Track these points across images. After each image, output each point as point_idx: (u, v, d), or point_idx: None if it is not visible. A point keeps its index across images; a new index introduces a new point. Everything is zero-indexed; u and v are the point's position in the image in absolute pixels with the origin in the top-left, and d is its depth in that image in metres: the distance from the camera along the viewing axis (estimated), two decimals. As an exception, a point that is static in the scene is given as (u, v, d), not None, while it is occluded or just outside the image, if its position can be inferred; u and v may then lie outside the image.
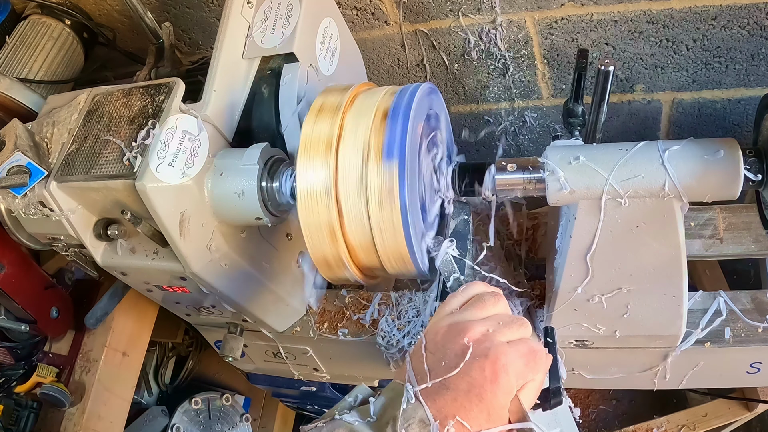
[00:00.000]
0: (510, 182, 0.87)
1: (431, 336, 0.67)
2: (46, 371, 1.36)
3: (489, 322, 0.67)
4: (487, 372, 0.62)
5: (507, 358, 0.63)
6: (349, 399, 0.69)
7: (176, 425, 1.71)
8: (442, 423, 0.60)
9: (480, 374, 0.62)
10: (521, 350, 0.65)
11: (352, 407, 0.68)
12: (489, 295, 0.72)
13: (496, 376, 0.62)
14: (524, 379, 0.64)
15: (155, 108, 0.92)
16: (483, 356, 0.63)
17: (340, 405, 0.69)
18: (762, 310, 1.04)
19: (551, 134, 1.27)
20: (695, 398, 1.65)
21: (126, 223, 0.96)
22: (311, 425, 0.66)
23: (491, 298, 0.71)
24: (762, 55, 1.23)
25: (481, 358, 0.63)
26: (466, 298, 0.73)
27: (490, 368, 0.62)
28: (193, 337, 1.91)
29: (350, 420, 0.64)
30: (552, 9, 1.26)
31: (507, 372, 0.62)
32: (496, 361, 0.62)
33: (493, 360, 0.62)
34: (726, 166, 0.79)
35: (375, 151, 0.76)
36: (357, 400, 0.69)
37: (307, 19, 1.06)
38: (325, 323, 1.24)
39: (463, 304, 0.72)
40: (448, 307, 0.72)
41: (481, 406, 0.61)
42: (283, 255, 1.14)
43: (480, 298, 0.71)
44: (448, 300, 0.73)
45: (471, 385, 0.62)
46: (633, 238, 0.87)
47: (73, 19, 1.42)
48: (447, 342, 0.65)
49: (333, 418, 0.66)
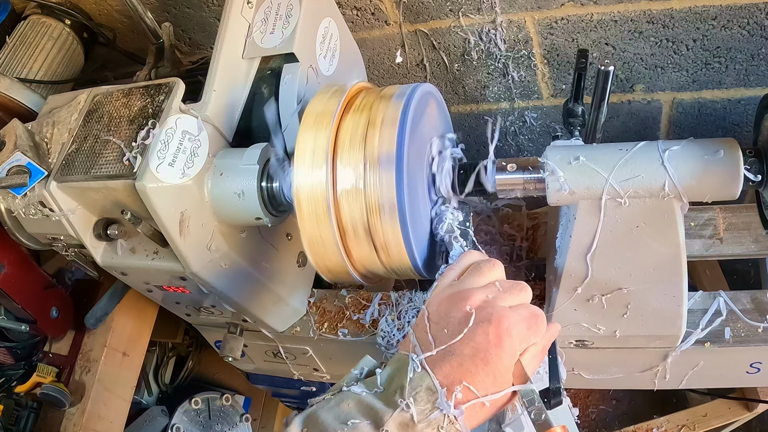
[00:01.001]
0: (510, 182, 0.87)
1: (433, 307, 0.68)
2: (46, 371, 1.36)
3: (489, 288, 0.68)
4: (491, 336, 0.62)
5: (509, 321, 0.63)
6: (355, 371, 0.70)
7: (176, 425, 1.71)
8: (449, 389, 0.61)
9: (484, 338, 0.62)
10: (522, 314, 0.65)
11: (359, 379, 0.68)
12: (485, 262, 0.72)
13: (500, 339, 0.62)
14: (527, 342, 0.65)
15: (155, 108, 0.92)
16: (486, 321, 0.63)
17: (347, 377, 0.69)
18: (762, 310, 1.04)
19: (551, 134, 1.27)
20: (695, 398, 1.65)
21: (126, 223, 0.96)
22: (319, 398, 0.67)
23: (487, 265, 0.71)
24: (762, 55, 1.23)
25: (484, 323, 0.63)
26: (462, 267, 0.73)
27: (493, 332, 0.63)
28: (193, 337, 1.91)
29: (358, 391, 0.65)
30: (552, 9, 1.26)
31: (510, 335, 0.63)
32: (499, 324, 0.63)
33: (496, 324, 0.63)
34: (726, 166, 0.79)
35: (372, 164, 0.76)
36: (363, 372, 0.70)
37: (307, 19, 1.05)
38: (325, 323, 1.24)
39: (460, 274, 0.72)
40: (446, 279, 0.72)
41: (487, 370, 0.62)
42: (283, 255, 1.14)
43: (477, 266, 0.72)
44: (446, 272, 0.73)
45: (476, 350, 0.62)
46: (633, 238, 0.87)
47: (73, 19, 1.42)
48: (449, 311, 0.66)
49: (341, 390, 0.66)
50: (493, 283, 0.69)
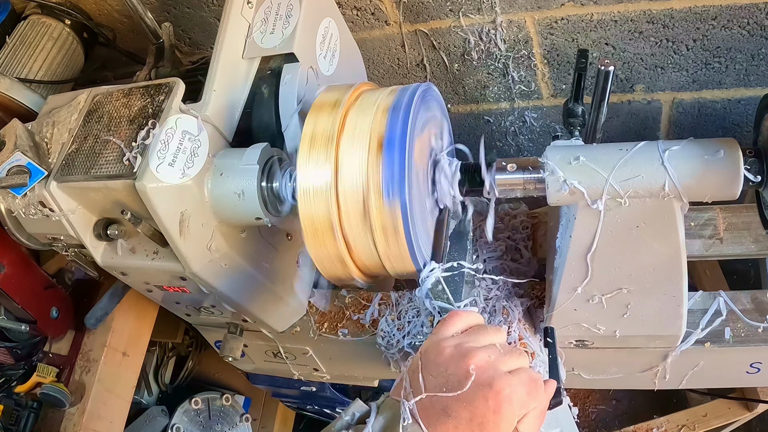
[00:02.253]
0: (510, 182, 0.87)
1: (432, 356, 0.67)
2: (46, 371, 1.36)
3: (491, 349, 0.67)
4: (491, 402, 0.61)
5: (511, 388, 0.62)
6: (346, 418, 0.69)
7: (176, 425, 1.71)
8: None
9: (483, 404, 0.61)
10: (523, 379, 0.65)
11: (350, 426, 0.67)
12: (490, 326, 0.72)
13: (499, 406, 0.61)
14: (526, 408, 0.64)
15: (155, 108, 0.92)
16: (487, 386, 0.62)
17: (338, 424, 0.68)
18: (762, 310, 1.04)
19: (551, 134, 1.27)
20: (695, 398, 1.66)
21: (126, 223, 0.96)
22: None
23: (493, 328, 0.71)
24: (762, 55, 1.23)
25: (485, 388, 0.62)
26: (467, 323, 0.72)
27: (493, 399, 0.62)
28: (193, 337, 1.91)
29: None
30: (552, 9, 1.26)
31: (511, 402, 0.62)
32: (501, 391, 0.62)
33: (497, 390, 0.62)
34: (726, 166, 0.79)
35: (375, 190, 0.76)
36: (354, 419, 0.69)
37: (307, 19, 1.05)
38: (325, 323, 1.24)
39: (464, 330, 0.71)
40: (449, 329, 0.71)
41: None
42: (283, 255, 1.14)
43: (482, 327, 0.72)
44: (449, 320, 0.72)
45: (473, 414, 0.61)
46: (633, 238, 0.87)
47: (73, 19, 1.42)
48: (450, 365, 0.65)
49: None
50: (494, 345, 0.68)
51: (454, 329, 0.71)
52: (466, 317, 0.73)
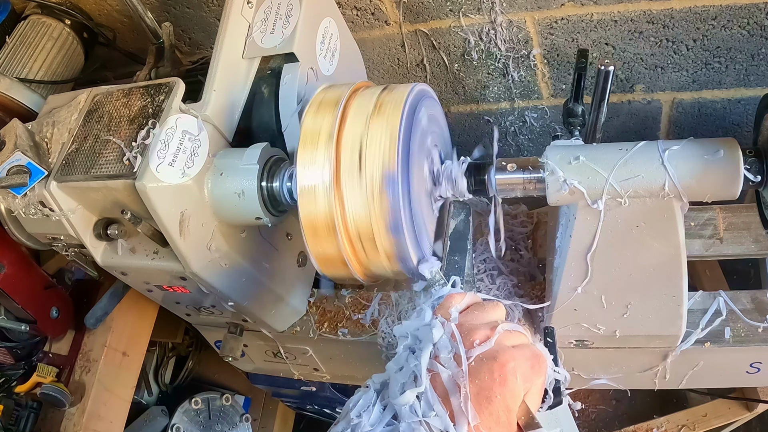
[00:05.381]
0: (510, 182, 0.87)
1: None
2: (46, 371, 1.36)
3: (493, 325, 0.67)
4: (496, 375, 0.62)
5: (516, 361, 0.63)
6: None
7: (176, 425, 1.71)
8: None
9: (489, 377, 0.62)
10: (526, 354, 0.65)
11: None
12: (489, 302, 0.72)
13: (504, 379, 0.62)
14: (530, 382, 0.64)
15: (155, 108, 0.92)
16: (492, 359, 0.63)
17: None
18: (762, 310, 1.04)
19: (551, 134, 1.27)
20: (695, 398, 1.65)
21: (126, 223, 0.96)
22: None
23: (491, 304, 0.72)
24: (762, 55, 1.23)
25: (489, 361, 0.63)
26: (464, 303, 0.73)
27: (498, 371, 0.62)
28: (193, 337, 1.91)
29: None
30: (552, 9, 1.26)
31: (515, 375, 0.62)
32: (505, 364, 0.62)
33: (502, 363, 0.62)
34: (726, 166, 0.79)
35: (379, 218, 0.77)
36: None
37: (307, 19, 1.06)
38: (325, 323, 1.24)
39: (462, 310, 0.72)
40: (450, 310, 0.71)
41: (490, 409, 0.61)
42: (283, 255, 1.14)
43: (481, 305, 0.72)
44: (446, 303, 0.73)
45: (480, 388, 0.62)
46: (633, 238, 0.87)
47: (73, 19, 1.42)
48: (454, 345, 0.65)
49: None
50: (495, 322, 0.69)
51: (453, 311, 0.72)
52: (463, 297, 0.73)
